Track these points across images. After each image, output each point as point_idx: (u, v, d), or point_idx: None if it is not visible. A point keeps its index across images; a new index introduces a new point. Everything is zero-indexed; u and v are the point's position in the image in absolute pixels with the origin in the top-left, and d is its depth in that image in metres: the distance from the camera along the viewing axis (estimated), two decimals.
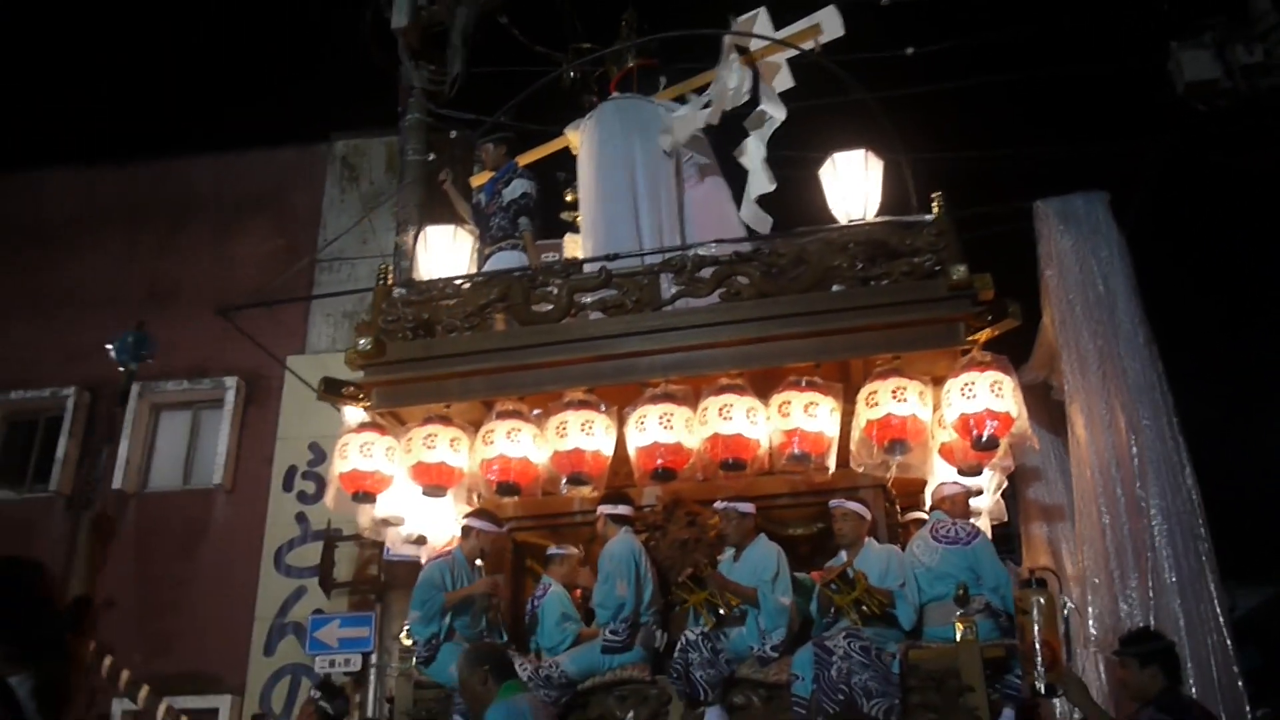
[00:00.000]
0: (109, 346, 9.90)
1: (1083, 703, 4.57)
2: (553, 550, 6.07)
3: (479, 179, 7.86)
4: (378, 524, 6.38)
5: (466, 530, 5.96)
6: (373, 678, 9.91)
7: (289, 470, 10.99)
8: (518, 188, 7.27)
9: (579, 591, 6.12)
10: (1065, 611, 5.38)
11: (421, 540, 6.44)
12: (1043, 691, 4.93)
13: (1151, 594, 5.93)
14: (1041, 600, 5.03)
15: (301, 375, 9.42)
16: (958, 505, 5.81)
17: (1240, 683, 5.90)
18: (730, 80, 6.62)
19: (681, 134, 6.87)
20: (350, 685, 9.90)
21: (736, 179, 7.14)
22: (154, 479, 11.57)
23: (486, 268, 7.15)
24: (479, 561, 5.97)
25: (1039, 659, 4.86)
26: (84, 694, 10.18)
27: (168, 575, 10.85)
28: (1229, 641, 5.97)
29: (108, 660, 8.69)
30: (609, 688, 5.44)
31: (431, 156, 10.92)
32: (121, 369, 9.90)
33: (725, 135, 7.20)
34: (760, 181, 6.83)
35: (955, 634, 5.11)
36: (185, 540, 11.02)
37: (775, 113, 6.84)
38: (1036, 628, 4.92)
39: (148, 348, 9.92)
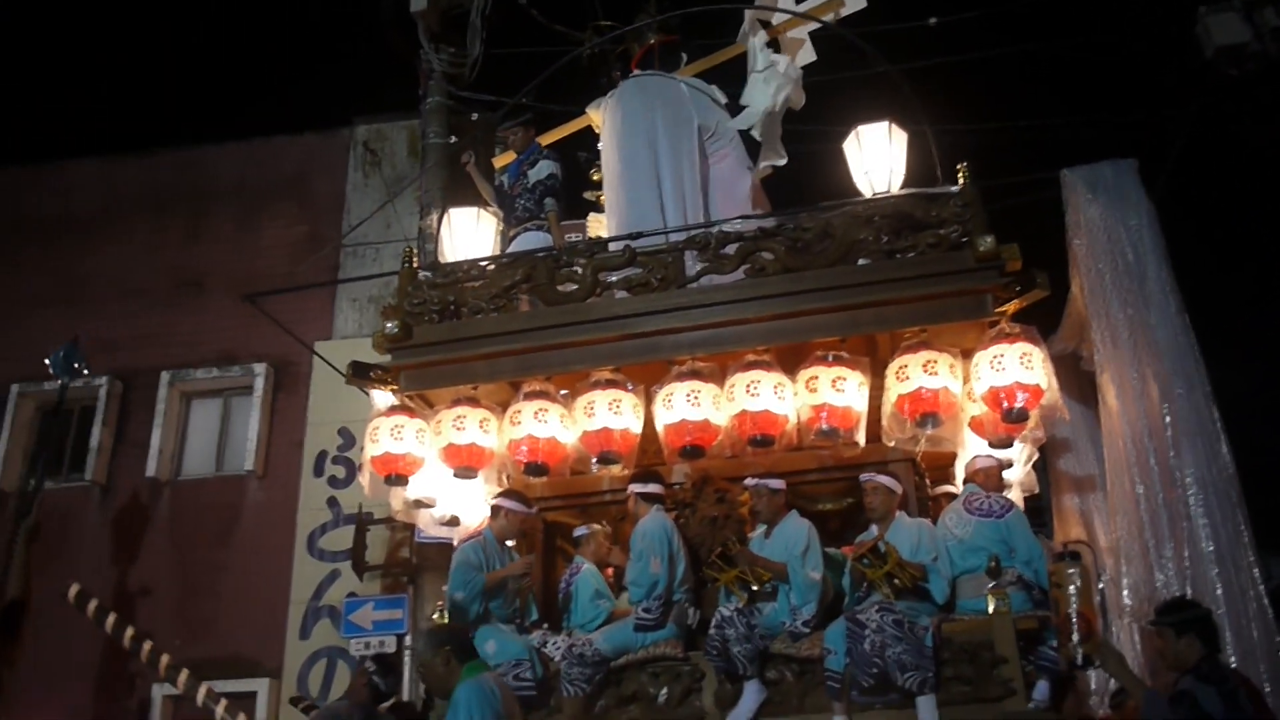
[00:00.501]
0: (47, 361, 9.91)
1: (1120, 673, 4.55)
2: (580, 530, 6.10)
3: (501, 160, 7.87)
4: (410, 506, 6.42)
5: (495, 510, 5.99)
6: (407, 659, 10.00)
7: (319, 455, 11.06)
8: (544, 169, 7.29)
9: (610, 570, 6.15)
10: (1100, 584, 5.35)
11: (454, 521, 6.47)
12: (1079, 663, 4.91)
13: (1188, 563, 5.88)
14: (1075, 573, 4.99)
15: (329, 360, 9.47)
16: (991, 479, 5.78)
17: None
18: (771, 61, 6.62)
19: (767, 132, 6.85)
20: None
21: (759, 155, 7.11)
22: (186, 466, 11.67)
23: (511, 249, 7.17)
24: (510, 543, 6.00)
25: (1075, 631, 4.85)
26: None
27: (203, 561, 10.96)
28: (1269, 610, 5.91)
29: (147, 645, 8.82)
30: (642, 665, 5.47)
31: (453, 139, 10.90)
32: (58, 382, 9.92)
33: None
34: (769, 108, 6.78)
35: (988, 606, 5.10)
36: (219, 527, 11.12)
37: (795, 94, 6.82)
38: (1073, 600, 4.90)
39: (80, 359, 9.92)
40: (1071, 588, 4.87)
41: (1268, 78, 8.61)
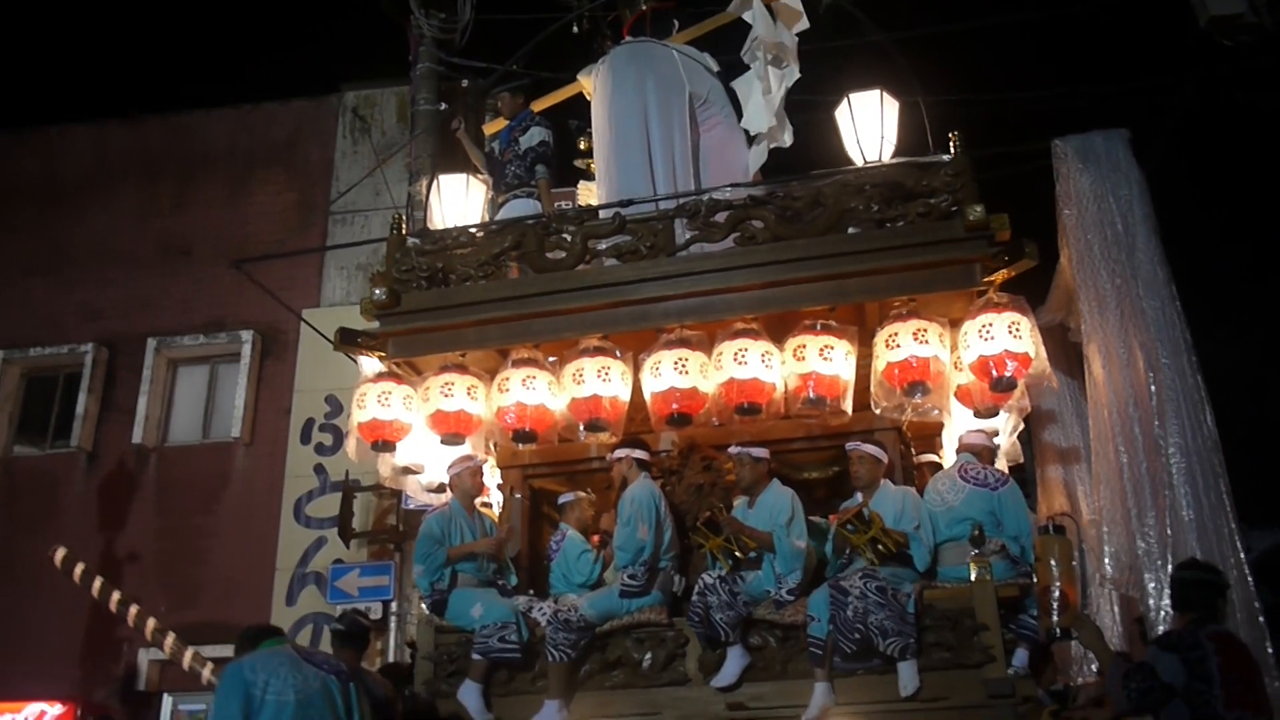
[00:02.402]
0: None
1: (1095, 645, 4.57)
2: (564, 497, 6.12)
3: (492, 127, 7.83)
4: (398, 472, 6.44)
5: (452, 482, 6.03)
6: (393, 625, 10.05)
7: (307, 422, 11.05)
8: (535, 135, 7.27)
9: (597, 537, 6.17)
10: (1079, 556, 5.38)
11: (442, 488, 6.48)
12: (1057, 634, 4.96)
13: (1170, 531, 5.92)
14: (1058, 546, 5.02)
15: (318, 328, 9.44)
16: (984, 454, 5.78)
17: (1261, 619, 5.90)
18: (771, 31, 6.59)
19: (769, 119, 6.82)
20: (373, 633, 10.05)
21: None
22: (173, 433, 11.65)
23: (500, 215, 7.15)
24: (480, 498, 6.03)
25: (1054, 603, 4.88)
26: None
27: (189, 528, 10.96)
28: (1249, 578, 5.96)
29: (134, 610, 8.83)
30: (627, 631, 5.49)
31: (443, 106, 10.85)
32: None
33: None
34: (770, 125, 6.76)
35: (970, 574, 5.13)
36: (206, 493, 11.11)
37: (793, 64, 6.79)
38: (1054, 573, 4.93)
39: None
40: (1053, 560, 4.90)
41: (1263, 49, 8.58)
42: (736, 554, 5.36)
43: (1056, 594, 4.82)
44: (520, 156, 7.28)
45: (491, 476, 6.50)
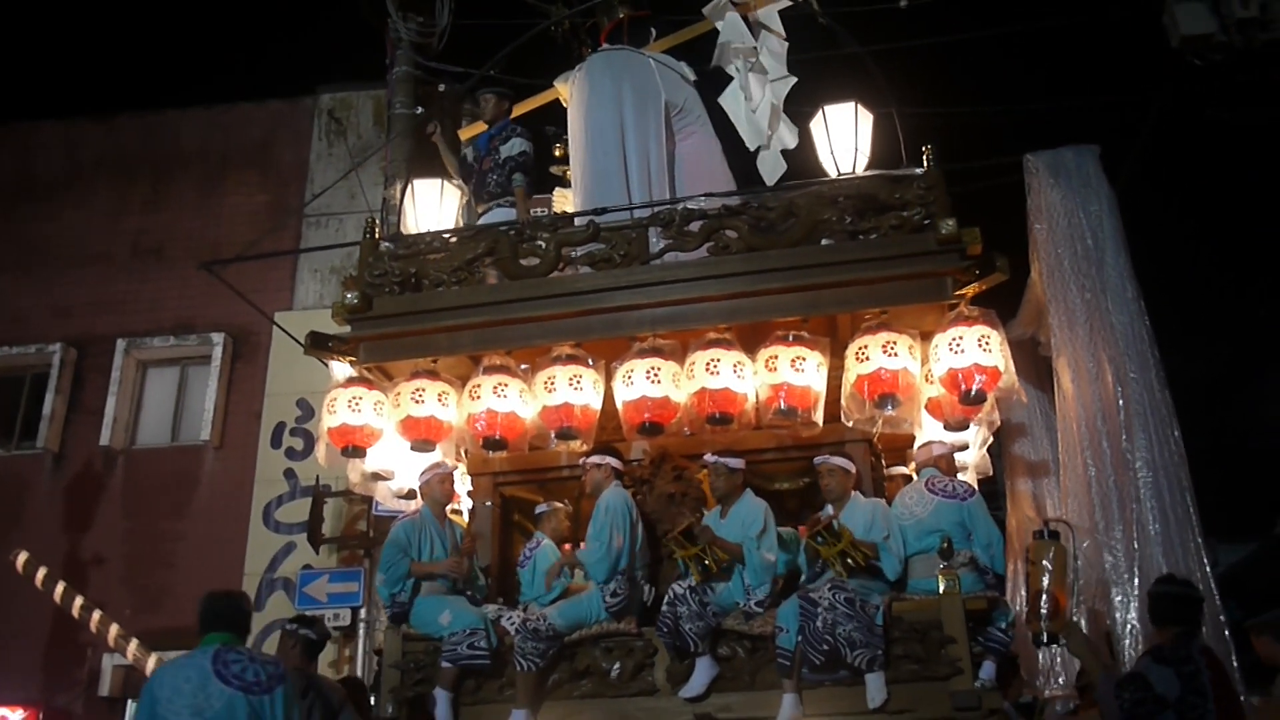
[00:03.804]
0: None
1: (1083, 654, 4.61)
2: (541, 507, 6.10)
3: (467, 132, 7.80)
4: (368, 479, 6.40)
5: (423, 488, 6.00)
6: (362, 632, 9.98)
7: (277, 426, 10.99)
8: (516, 145, 7.23)
9: (569, 547, 6.14)
10: (1077, 564, 5.39)
11: (412, 495, 6.44)
12: (1044, 640, 4.98)
13: (1136, 545, 5.97)
14: (1053, 552, 5.04)
15: (289, 331, 9.38)
16: (945, 465, 5.81)
17: (1226, 633, 5.95)
18: (743, 36, 6.63)
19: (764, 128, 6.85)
20: (341, 640, 9.98)
21: (728, 133, 7.10)
22: (142, 435, 11.55)
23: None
24: (451, 506, 6.01)
25: (1043, 608, 4.90)
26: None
27: (157, 531, 10.87)
28: (1215, 591, 6.01)
29: (96, 615, 8.72)
30: (596, 640, 5.47)
31: (420, 110, 10.81)
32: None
33: (717, 88, 7.15)
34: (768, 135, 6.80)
35: (939, 586, 5.15)
36: (174, 497, 11.02)
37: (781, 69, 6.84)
38: (1046, 578, 4.95)
39: None
40: (1046, 564, 4.93)
41: (1234, 70, 8.69)
42: (708, 564, 5.35)
43: (1046, 599, 4.85)
44: (499, 165, 7.24)
45: (462, 483, 6.46)
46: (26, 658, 10.39)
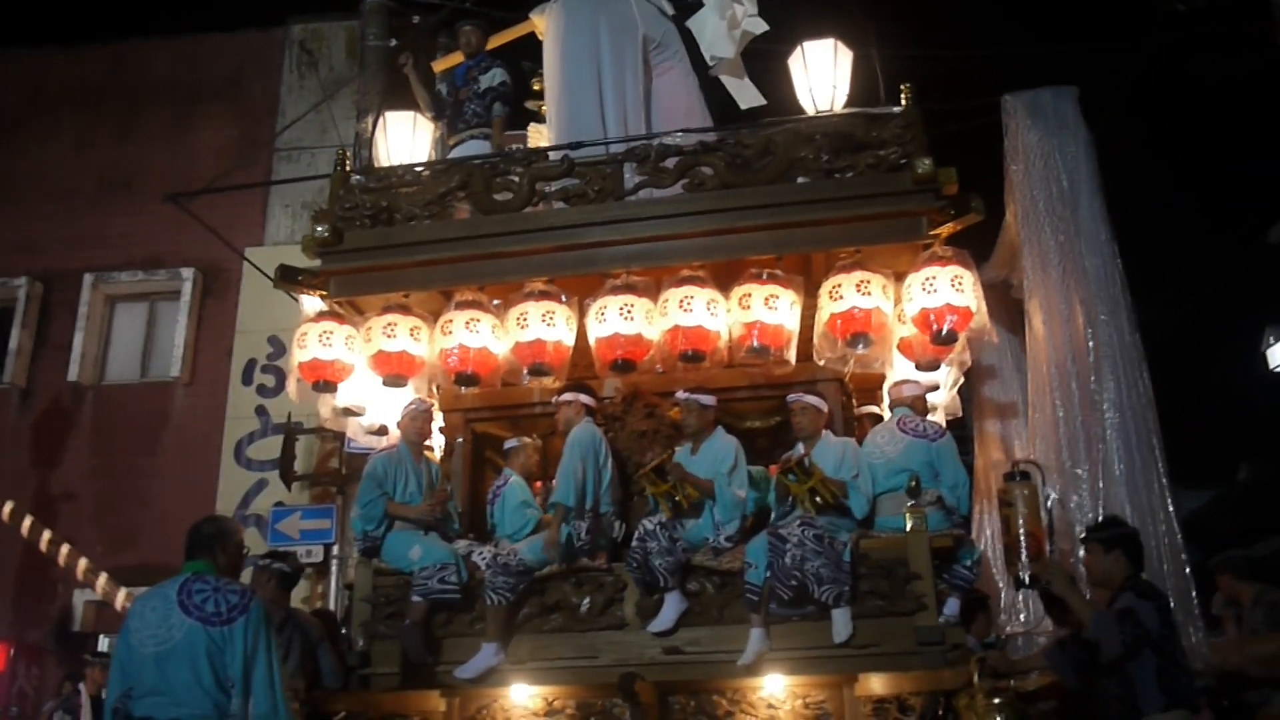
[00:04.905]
0: None
1: (1067, 592, 4.65)
2: (510, 443, 6.09)
3: (443, 64, 7.66)
4: (339, 414, 6.36)
5: (401, 425, 5.98)
6: (334, 569, 10.01)
7: (248, 363, 10.92)
8: (496, 75, 7.14)
9: (539, 484, 6.15)
10: (1049, 503, 5.43)
11: (383, 430, 6.43)
12: (1027, 583, 5.03)
13: (1101, 484, 6.04)
14: (1025, 493, 5.08)
15: (260, 267, 9.27)
16: (918, 405, 5.85)
17: (1187, 570, 6.06)
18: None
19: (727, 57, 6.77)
20: (314, 577, 10.00)
21: (705, 68, 7.01)
22: (110, 371, 11.46)
23: (454, 155, 7.01)
24: (428, 442, 6.01)
25: (1023, 551, 4.94)
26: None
27: (128, 468, 10.82)
28: (1178, 532, 6.10)
29: (65, 550, 8.68)
30: (565, 575, 5.51)
31: (394, 42, 10.61)
32: None
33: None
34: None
35: (906, 524, 5.20)
36: (144, 433, 10.96)
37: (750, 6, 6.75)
38: (1021, 520, 4.99)
39: None
40: (1020, 506, 4.96)
41: (1214, 12, 8.64)
42: (678, 500, 5.37)
43: (1025, 540, 4.88)
44: (480, 95, 7.13)
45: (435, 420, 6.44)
46: None
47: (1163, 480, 6.02)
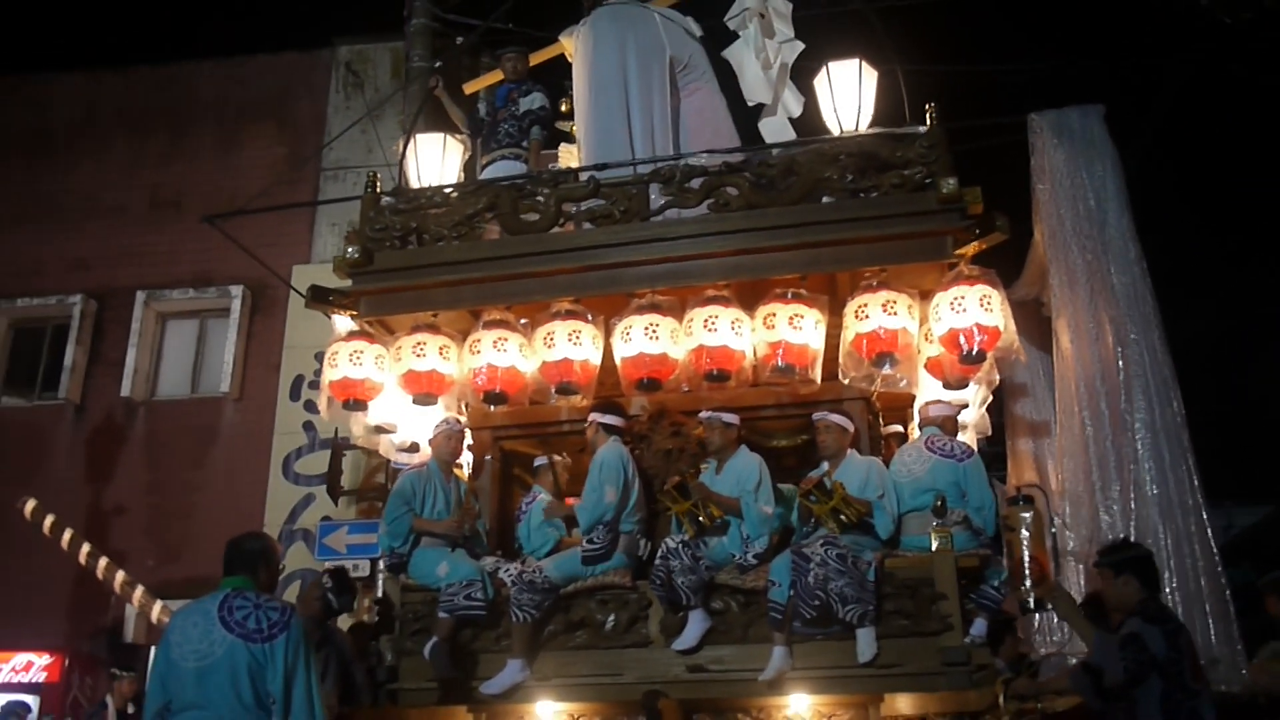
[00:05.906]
0: None
1: (1070, 616, 4.62)
2: (539, 460, 6.16)
3: (473, 85, 7.77)
4: (370, 432, 6.45)
5: (432, 443, 6.05)
6: (380, 583, 10.12)
7: (296, 379, 11.12)
8: (535, 99, 7.23)
9: (570, 500, 6.20)
10: (1053, 528, 5.41)
11: (414, 448, 6.51)
12: (1031, 606, 4.99)
13: (1134, 505, 5.95)
14: (1029, 517, 5.05)
15: (309, 284, 9.42)
16: (948, 425, 5.81)
17: (1228, 593, 5.93)
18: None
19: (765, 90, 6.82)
20: (361, 590, 10.13)
21: (732, 90, 7.04)
22: (161, 387, 11.73)
23: (484, 174, 7.11)
24: (459, 461, 6.07)
25: (1027, 575, 4.91)
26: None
27: (177, 482, 11.06)
28: (1215, 554, 5.98)
29: (104, 562, 8.84)
30: (591, 593, 5.54)
31: (438, 64, 10.76)
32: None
33: (723, 44, 7.08)
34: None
35: (932, 544, 5.17)
36: (194, 448, 11.20)
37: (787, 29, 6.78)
38: (1025, 544, 4.96)
39: None
40: (1024, 531, 4.93)
41: (1264, 26, 8.48)
42: (701, 519, 5.39)
43: (1030, 564, 4.85)
44: (518, 117, 7.23)
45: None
46: (52, 605, 10.63)
47: (1199, 500, 5.92)
